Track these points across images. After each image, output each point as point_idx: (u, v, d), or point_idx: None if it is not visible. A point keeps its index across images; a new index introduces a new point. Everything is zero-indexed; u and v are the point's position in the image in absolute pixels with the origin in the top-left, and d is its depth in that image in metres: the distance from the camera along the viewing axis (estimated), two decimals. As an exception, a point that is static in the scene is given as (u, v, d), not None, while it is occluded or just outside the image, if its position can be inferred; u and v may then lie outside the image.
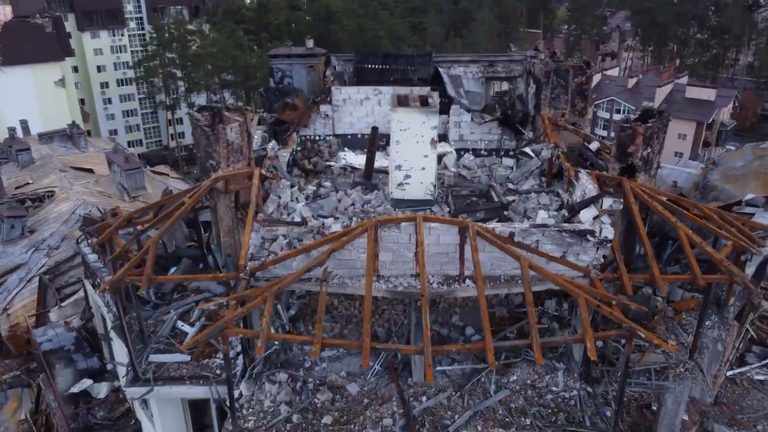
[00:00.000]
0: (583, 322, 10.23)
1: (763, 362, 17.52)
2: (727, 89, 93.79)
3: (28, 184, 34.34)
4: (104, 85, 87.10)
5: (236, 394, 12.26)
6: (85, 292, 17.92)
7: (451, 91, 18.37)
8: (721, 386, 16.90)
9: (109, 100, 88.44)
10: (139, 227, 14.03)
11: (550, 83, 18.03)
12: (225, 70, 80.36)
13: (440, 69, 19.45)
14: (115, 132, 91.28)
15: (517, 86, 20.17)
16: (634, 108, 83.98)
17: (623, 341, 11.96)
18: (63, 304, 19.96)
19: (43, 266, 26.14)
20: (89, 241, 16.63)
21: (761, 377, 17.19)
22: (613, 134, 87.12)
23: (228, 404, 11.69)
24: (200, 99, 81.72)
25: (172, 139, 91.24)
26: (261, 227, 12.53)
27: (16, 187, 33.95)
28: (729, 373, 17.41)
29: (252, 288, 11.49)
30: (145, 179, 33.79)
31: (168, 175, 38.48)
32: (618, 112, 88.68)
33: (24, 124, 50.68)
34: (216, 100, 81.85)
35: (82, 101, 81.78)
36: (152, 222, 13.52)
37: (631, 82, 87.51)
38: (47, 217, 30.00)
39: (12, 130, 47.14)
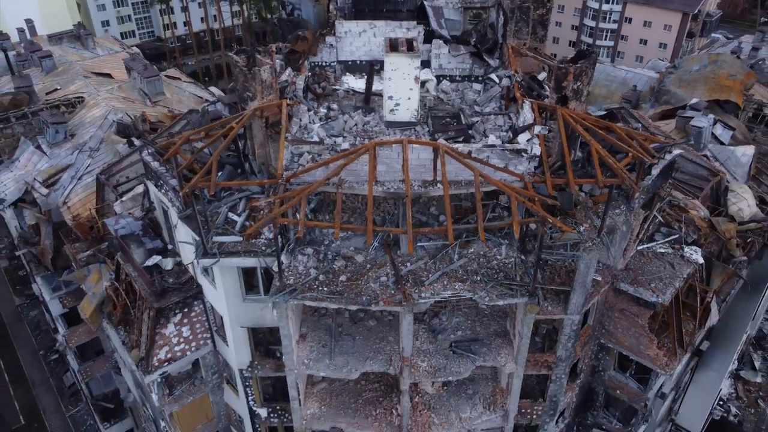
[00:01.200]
0: (512, 212, 15.43)
1: (665, 239, 23.14)
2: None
3: (56, 90, 38.06)
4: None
5: (275, 265, 17.64)
6: (147, 189, 22.84)
7: (433, 23, 22.35)
8: (631, 257, 22.61)
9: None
10: (196, 145, 18.74)
11: (515, 17, 22.05)
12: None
13: (425, 2, 23.23)
14: (107, 23, 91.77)
15: (490, 15, 24.05)
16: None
17: (552, 225, 17.26)
18: (123, 199, 24.97)
19: (88, 166, 30.84)
20: (150, 151, 21.25)
21: (662, 250, 22.87)
22: (601, 24, 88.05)
23: (275, 269, 17.10)
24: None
25: (167, 29, 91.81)
26: (290, 146, 17.34)
27: (47, 93, 37.71)
28: (640, 248, 23.10)
29: (288, 191, 16.50)
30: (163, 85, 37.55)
31: (180, 79, 41.98)
32: (608, 1, 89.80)
33: (30, 23, 52.75)
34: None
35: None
36: (209, 141, 18.16)
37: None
38: (83, 121, 34.22)
39: (21, 31, 49.63)
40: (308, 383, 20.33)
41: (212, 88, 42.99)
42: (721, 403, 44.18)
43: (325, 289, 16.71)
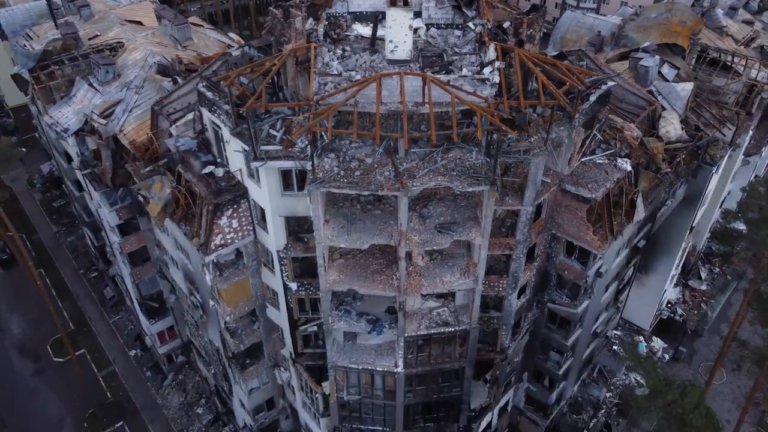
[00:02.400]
0: (477, 126, 21.96)
1: (603, 153, 29.78)
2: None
3: (97, 36, 43.63)
4: None
5: (308, 165, 24.20)
6: (199, 115, 29.13)
7: (423, -19, 28.24)
8: (576, 167, 29.28)
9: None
10: (243, 79, 25.00)
11: (488, -24, 27.96)
12: None
13: (417, -37, 29.00)
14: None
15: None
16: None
17: (509, 136, 23.80)
18: (177, 124, 31.28)
19: (136, 101, 36.89)
20: (204, 84, 27.38)
21: (600, 161, 29.57)
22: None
23: (308, 168, 23.68)
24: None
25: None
26: (318, 77, 23.69)
27: (89, 39, 43.30)
28: (583, 159, 29.78)
29: (317, 109, 22.93)
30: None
31: (203, 26, 47.46)
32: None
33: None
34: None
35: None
36: (255, 75, 24.39)
37: None
38: (126, 63, 40.06)
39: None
40: (330, 259, 27.27)
41: (231, 34, 48.46)
42: (669, 305, 52.10)
43: (345, 180, 23.39)
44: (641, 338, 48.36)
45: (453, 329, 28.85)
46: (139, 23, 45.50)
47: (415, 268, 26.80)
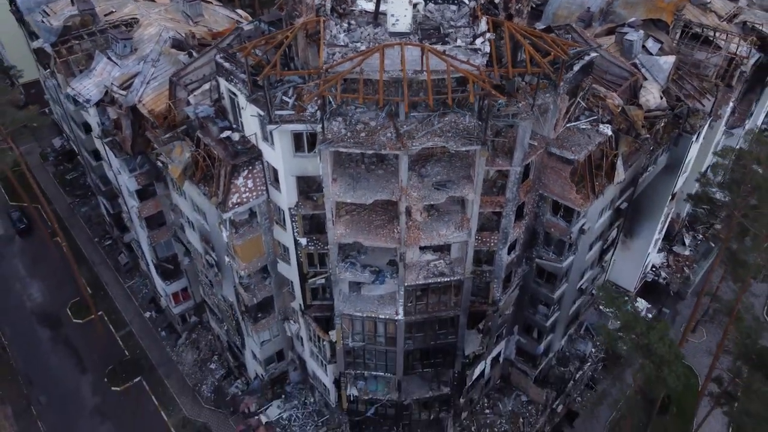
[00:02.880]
0: (470, 91, 24.63)
1: (586, 120, 32.47)
2: None
3: (112, 12, 45.94)
4: None
5: (318, 127, 26.88)
6: (217, 83, 31.70)
7: (422, -40, 30.64)
8: (562, 132, 31.98)
9: None
10: (258, 51, 27.58)
11: (481, -45, 30.37)
12: None
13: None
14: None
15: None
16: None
17: (498, 101, 26.49)
18: (195, 93, 33.85)
19: (153, 73, 39.36)
20: (222, 56, 29.93)
21: (584, 127, 32.29)
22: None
23: (318, 130, 26.37)
24: None
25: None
26: (327, 48, 26.30)
27: (105, 15, 45.61)
28: (568, 125, 32.48)
29: (327, 77, 25.55)
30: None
31: (211, 2, 49.68)
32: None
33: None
34: None
35: None
36: (270, 45, 26.97)
37: None
38: (142, 38, 42.46)
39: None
40: (337, 215, 30.08)
41: (238, 11, 50.69)
42: (654, 269, 55.16)
43: (351, 141, 26.12)
44: (626, 298, 51.41)
45: (448, 279, 31.81)
46: (152, 0, 47.74)
47: (414, 222, 29.64)
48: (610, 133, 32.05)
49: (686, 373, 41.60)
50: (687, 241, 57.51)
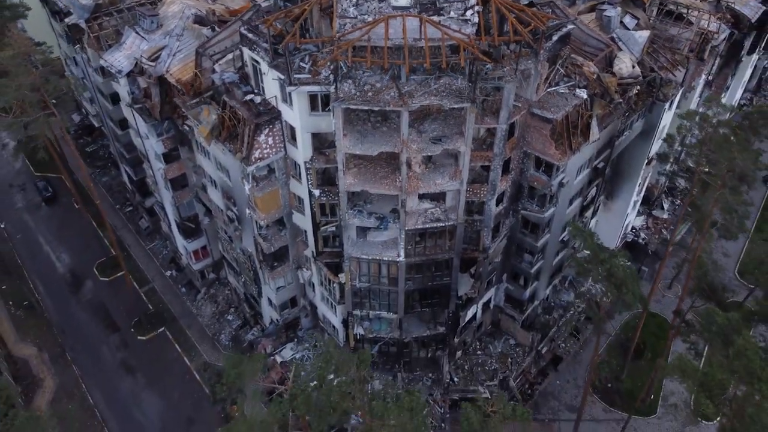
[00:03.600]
0: (460, 56, 29.08)
1: (564, 85, 36.94)
2: None
3: (136, -9, 50.04)
4: None
5: (331, 88, 31.36)
6: (242, 53, 36.09)
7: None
8: (543, 96, 36.44)
9: None
10: (278, 23, 31.97)
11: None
12: None
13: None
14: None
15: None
16: None
17: (486, 65, 30.97)
18: (220, 63, 38.26)
19: (178, 46, 43.66)
20: (245, 28, 34.27)
21: (562, 92, 36.77)
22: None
23: (332, 90, 30.86)
24: None
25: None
26: (338, 19, 30.75)
27: (130, -6, 49.75)
28: (549, 90, 36.95)
29: (339, 44, 29.99)
30: (218, -12, 49.63)
31: (226, -17, 53.83)
32: None
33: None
34: None
35: None
36: (289, 18, 31.34)
37: None
38: (166, 15, 46.71)
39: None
40: (346, 167, 34.61)
41: (252, -9, 54.86)
42: (634, 231, 59.90)
43: (360, 99, 30.63)
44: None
45: (443, 224, 36.48)
46: (171, -19, 51.81)
47: (414, 173, 34.23)
48: (585, 96, 36.53)
49: (659, 322, 46.46)
50: (666, 206, 62.19)
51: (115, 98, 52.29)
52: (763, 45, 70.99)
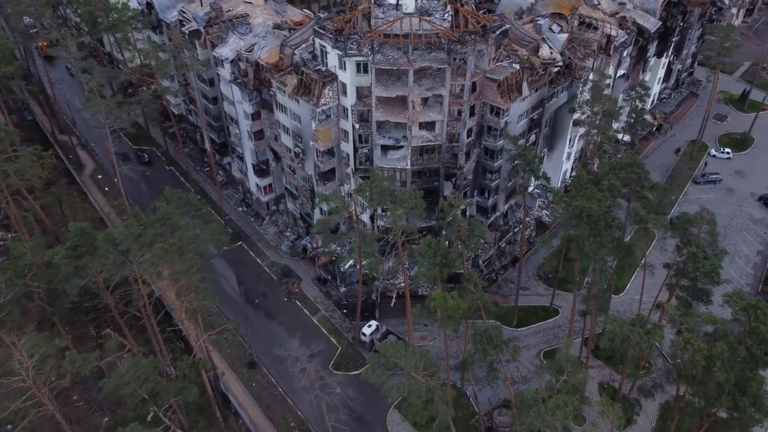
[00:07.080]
0: (441, 38, 53.68)
1: (506, 62, 61.60)
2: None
3: (230, 10, 75.14)
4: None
5: (370, 58, 55.75)
6: (314, 41, 60.73)
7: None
8: (493, 67, 60.99)
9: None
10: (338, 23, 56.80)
11: (450, -24, 59.79)
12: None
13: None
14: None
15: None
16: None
17: (457, 46, 55.53)
18: (298, 50, 62.81)
19: (264, 45, 68.36)
20: (319, 26, 58.88)
21: (504, 65, 61.47)
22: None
23: (370, 59, 55.37)
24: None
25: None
26: (373, 20, 55.68)
27: (226, 11, 74.80)
28: (496, 64, 61.52)
29: (374, 33, 54.57)
30: None
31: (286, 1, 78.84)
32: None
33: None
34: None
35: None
36: (344, 19, 55.99)
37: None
38: (254, 24, 71.61)
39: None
40: (376, 107, 58.81)
41: (305, 10, 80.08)
42: (572, 177, 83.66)
43: (386, 63, 55.15)
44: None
45: (434, 144, 60.61)
46: (250, 3, 77.08)
47: (416, 109, 58.54)
48: (518, 68, 61.06)
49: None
50: (596, 162, 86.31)
51: (211, 82, 76.85)
52: (670, 51, 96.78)
